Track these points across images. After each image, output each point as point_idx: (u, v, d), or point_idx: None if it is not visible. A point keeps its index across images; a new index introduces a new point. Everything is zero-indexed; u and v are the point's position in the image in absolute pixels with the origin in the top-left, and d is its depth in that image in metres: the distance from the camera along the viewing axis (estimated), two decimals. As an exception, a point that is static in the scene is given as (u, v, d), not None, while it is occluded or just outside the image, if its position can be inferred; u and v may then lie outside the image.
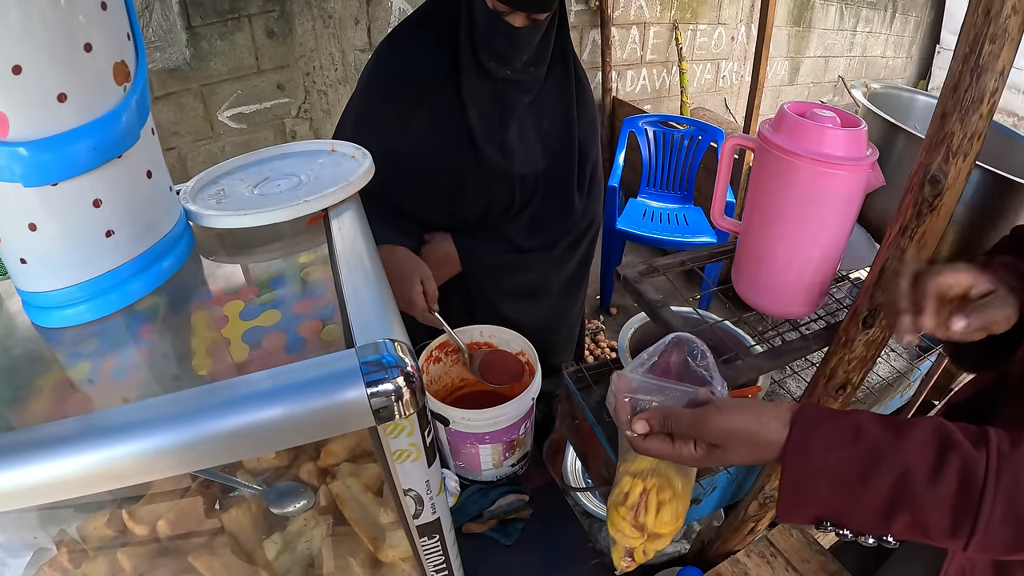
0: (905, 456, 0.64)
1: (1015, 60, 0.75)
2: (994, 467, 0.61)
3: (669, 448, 0.73)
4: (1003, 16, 0.69)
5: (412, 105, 1.43)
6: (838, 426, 0.67)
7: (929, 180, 0.79)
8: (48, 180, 0.52)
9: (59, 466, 0.39)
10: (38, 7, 0.49)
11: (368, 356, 0.42)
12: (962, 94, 0.74)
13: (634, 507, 0.86)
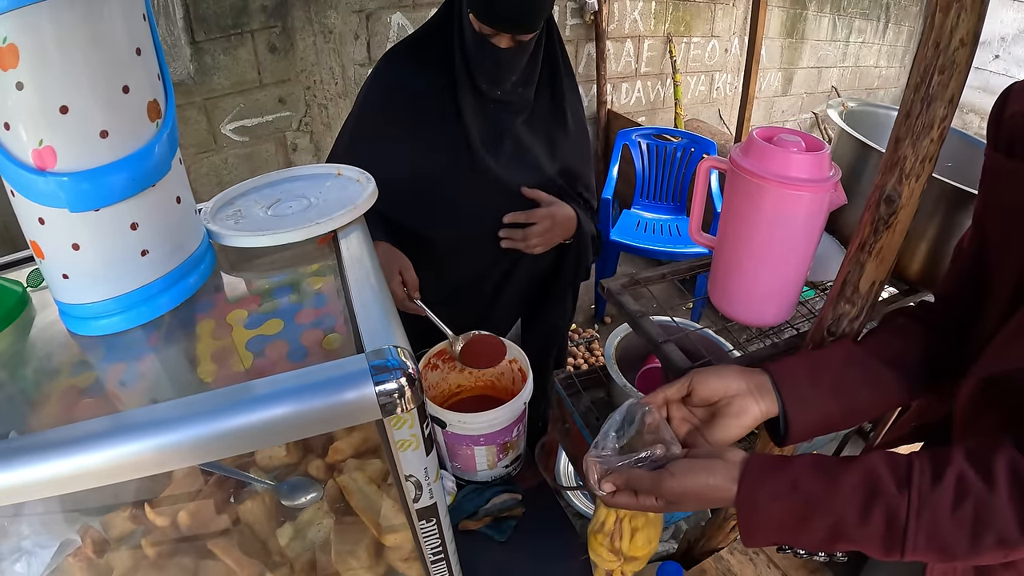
0: (836, 504, 0.72)
1: (989, 62, 0.82)
2: (915, 508, 0.70)
3: (634, 501, 0.81)
4: (951, 48, 0.75)
5: (411, 119, 1.48)
6: (779, 480, 0.75)
7: (885, 200, 0.85)
8: (91, 206, 0.59)
9: (116, 452, 0.46)
10: (83, 54, 0.56)
11: (376, 360, 0.49)
12: (914, 121, 0.80)
13: (610, 534, 0.95)
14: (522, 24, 1.33)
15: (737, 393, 0.87)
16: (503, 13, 1.31)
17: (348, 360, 0.49)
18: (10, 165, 0.57)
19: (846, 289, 0.93)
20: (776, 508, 0.75)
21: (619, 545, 0.96)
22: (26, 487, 0.48)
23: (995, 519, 0.68)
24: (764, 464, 0.78)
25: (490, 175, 1.51)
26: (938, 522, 0.69)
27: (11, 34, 0.52)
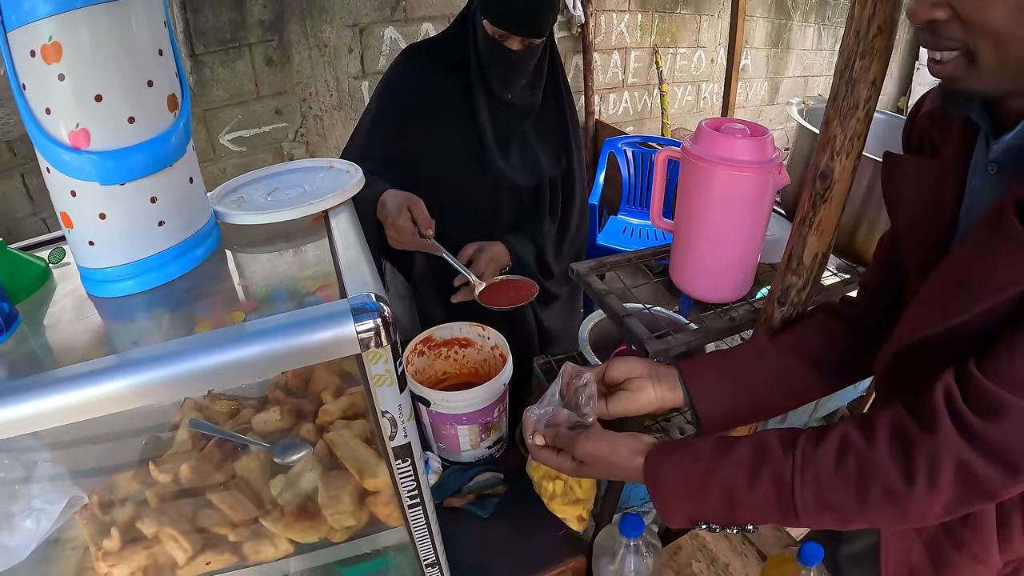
0: (728, 471, 0.79)
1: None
2: (799, 466, 0.75)
3: (554, 459, 0.92)
4: (871, 35, 0.83)
5: (426, 111, 1.59)
6: (681, 454, 0.84)
7: (819, 176, 0.94)
8: (117, 180, 0.70)
9: (143, 377, 0.56)
10: (115, 52, 0.67)
11: (356, 304, 0.60)
12: (840, 103, 0.89)
13: (565, 493, 1.10)
14: (531, 26, 1.45)
15: (639, 376, 0.99)
16: (515, 16, 1.43)
17: (333, 303, 0.60)
18: (49, 144, 0.67)
19: (792, 262, 1.01)
20: (677, 477, 0.83)
21: (576, 495, 1.10)
22: (55, 412, 0.57)
23: (878, 471, 0.72)
24: (670, 443, 0.87)
25: (499, 173, 1.62)
26: (822, 479, 0.74)
27: (55, 33, 0.63)
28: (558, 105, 1.71)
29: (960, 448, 0.68)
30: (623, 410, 0.99)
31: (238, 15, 2.86)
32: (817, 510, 0.75)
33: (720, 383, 0.99)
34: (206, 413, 1.02)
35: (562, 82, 1.70)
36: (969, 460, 0.68)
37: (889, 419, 0.75)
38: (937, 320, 0.75)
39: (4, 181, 2.40)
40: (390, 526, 0.92)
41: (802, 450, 0.76)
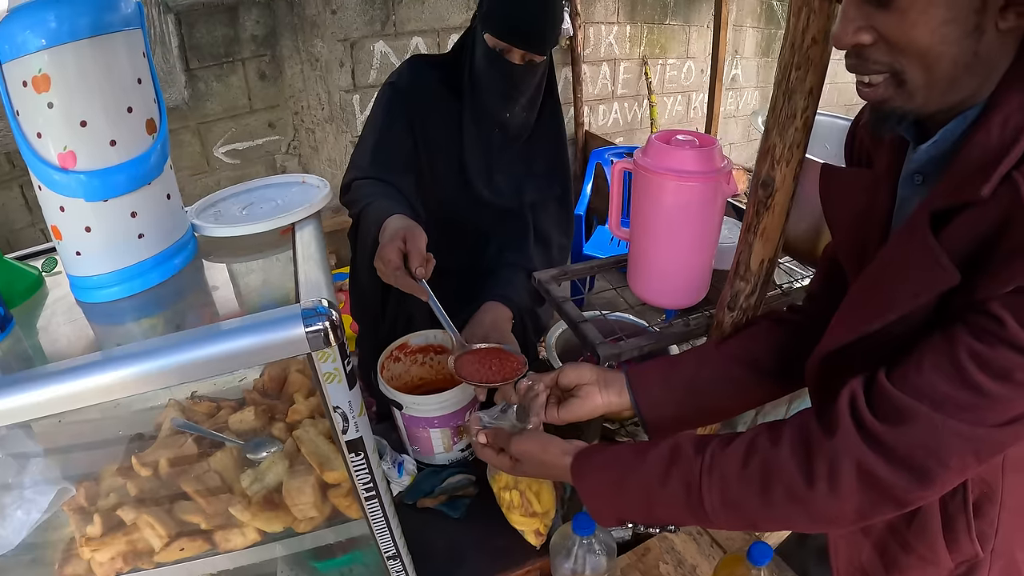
0: (643, 471, 0.83)
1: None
2: (706, 467, 0.78)
3: (495, 457, 0.98)
4: (805, 46, 0.86)
5: (425, 123, 1.58)
6: (604, 455, 0.88)
7: (761, 184, 0.97)
8: (101, 197, 0.78)
9: (121, 371, 0.64)
10: (98, 83, 0.75)
11: (306, 308, 0.67)
12: (779, 112, 0.91)
13: (521, 505, 1.16)
14: (535, 40, 1.43)
15: (587, 382, 1.04)
16: (519, 29, 1.42)
17: (286, 308, 0.68)
18: (40, 164, 0.76)
19: (740, 268, 1.05)
20: (600, 477, 0.87)
21: (534, 508, 1.16)
22: (45, 403, 0.65)
23: (779, 473, 0.74)
24: (598, 446, 0.92)
25: (480, 198, 1.64)
26: (727, 479, 0.77)
27: (45, 66, 0.72)
28: (555, 127, 1.71)
29: (860, 451, 0.70)
30: (573, 416, 1.05)
31: (231, 31, 2.93)
32: (724, 510, 0.78)
33: (665, 388, 1.02)
34: (188, 414, 1.10)
35: (558, 105, 1.71)
36: (870, 464, 0.69)
37: (795, 423, 0.77)
38: (856, 327, 0.77)
39: (3, 192, 2.47)
40: (351, 518, 0.99)
41: (711, 452, 0.79)
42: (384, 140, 1.58)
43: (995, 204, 0.64)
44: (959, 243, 0.67)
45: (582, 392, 1.04)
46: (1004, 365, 0.64)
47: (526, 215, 1.69)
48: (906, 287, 0.71)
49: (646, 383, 1.03)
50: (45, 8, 0.70)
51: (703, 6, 4.99)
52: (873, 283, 0.78)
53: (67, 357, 0.68)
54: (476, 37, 1.49)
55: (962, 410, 0.67)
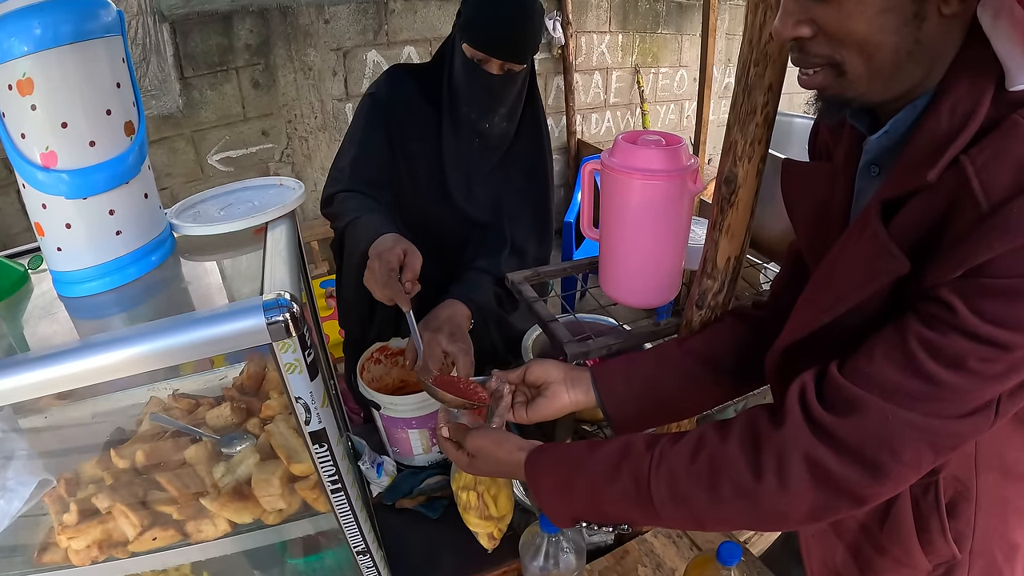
0: (591, 466, 0.82)
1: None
2: (655, 462, 0.77)
3: (453, 451, 0.98)
4: (763, 43, 0.86)
5: (404, 134, 1.58)
6: (555, 452, 0.88)
7: (724, 181, 0.97)
8: (81, 195, 0.82)
9: (88, 361, 0.68)
10: (79, 86, 0.79)
11: (268, 301, 0.71)
12: (739, 109, 0.92)
13: (478, 507, 1.15)
14: (513, 50, 1.43)
15: (555, 381, 1.03)
16: (496, 38, 1.42)
17: (248, 299, 0.72)
18: (24, 163, 0.80)
19: (707, 266, 1.06)
20: (550, 475, 0.86)
21: (490, 512, 1.16)
22: (26, 387, 0.69)
23: (727, 467, 0.73)
24: (551, 444, 0.92)
25: (459, 210, 1.64)
26: (676, 473, 0.76)
27: (29, 70, 0.76)
28: (536, 137, 1.68)
29: (809, 444, 0.69)
30: (540, 415, 1.04)
31: (226, 40, 2.99)
32: (673, 506, 0.76)
33: (627, 385, 1.02)
34: (168, 410, 1.13)
35: (541, 114, 1.68)
36: (820, 457, 0.68)
37: (744, 418, 0.76)
38: (810, 321, 0.77)
39: (1, 197, 2.50)
40: (319, 512, 1.02)
41: (660, 448, 0.79)
42: (364, 152, 1.58)
43: (943, 189, 0.64)
44: (909, 231, 0.67)
45: (549, 392, 1.04)
46: (956, 352, 0.63)
47: (504, 227, 1.67)
48: (857, 278, 0.70)
49: (610, 380, 1.02)
50: (30, 16, 0.74)
51: (695, 15, 5.03)
52: (827, 276, 0.78)
53: (46, 346, 0.72)
54: (455, 47, 1.49)
55: (914, 400, 0.66)
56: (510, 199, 1.67)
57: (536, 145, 1.68)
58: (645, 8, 4.73)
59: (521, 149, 1.66)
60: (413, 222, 1.60)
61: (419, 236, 1.48)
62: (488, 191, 1.65)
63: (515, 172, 1.67)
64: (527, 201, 1.70)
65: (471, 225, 1.66)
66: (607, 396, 1.02)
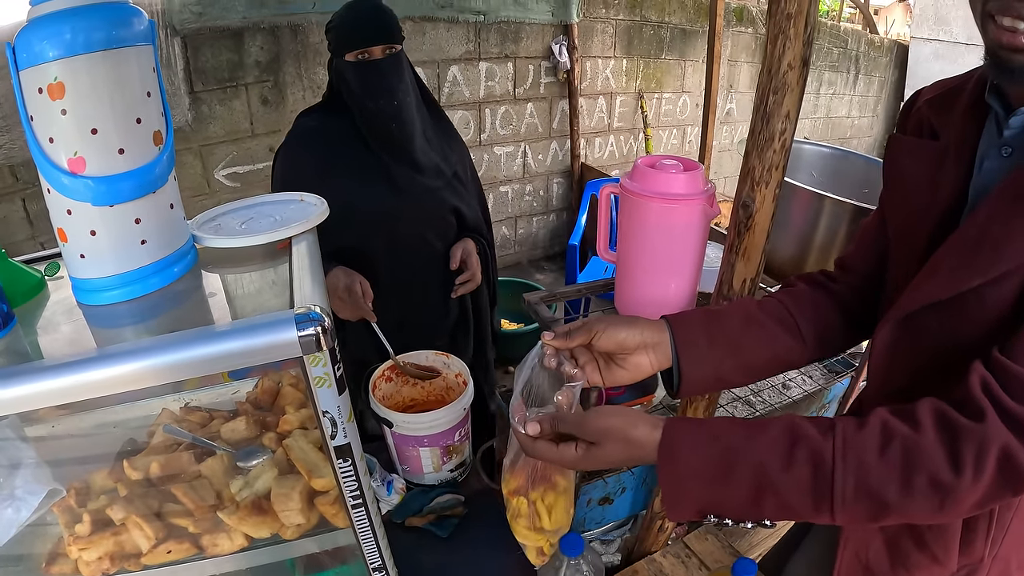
0: (758, 450, 0.74)
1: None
2: (840, 449, 0.71)
3: (553, 451, 0.83)
4: (782, 72, 0.89)
5: (331, 160, 1.75)
6: (701, 431, 0.78)
7: (742, 206, 0.99)
8: (108, 203, 0.81)
9: (111, 370, 0.66)
10: (110, 94, 0.79)
11: (300, 314, 0.70)
12: (757, 136, 0.94)
13: (528, 516, 1.06)
14: (385, 32, 1.66)
15: (633, 350, 0.94)
16: (368, 28, 1.65)
17: (280, 312, 0.71)
18: (51, 168, 0.79)
19: (723, 287, 1.07)
20: (697, 458, 0.76)
21: (540, 524, 1.06)
22: (42, 395, 0.68)
23: (925, 459, 0.69)
24: (685, 420, 0.81)
25: (412, 196, 1.80)
26: (865, 464, 0.70)
27: (60, 75, 0.75)
28: (433, 112, 1.90)
29: (1006, 437, 0.67)
30: (618, 383, 0.96)
31: (236, 56, 3.01)
32: (856, 497, 0.71)
33: (709, 345, 0.96)
34: (181, 422, 1.12)
35: (429, 93, 1.90)
36: (1014, 449, 0.67)
37: (930, 408, 0.72)
38: (952, 284, 0.76)
39: (6, 204, 2.51)
40: (338, 527, 1.01)
41: (842, 433, 0.73)
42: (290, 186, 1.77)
43: None
44: None
45: (629, 363, 0.95)
46: None
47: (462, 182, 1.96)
48: (1010, 246, 0.72)
49: (690, 339, 0.96)
50: (64, 20, 0.74)
51: (698, 41, 5.13)
52: (971, 244, 0.77)
53: (61, 352, 0.70)
54: (341, 74, 1.71)
55: None
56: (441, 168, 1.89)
57: (441, 121, 1.94)
58: (649, 34, 4.80)
59: (428, 127, 1.86)
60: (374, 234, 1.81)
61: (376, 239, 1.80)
62: (424, 170, 1.84)
63: (434, 145, 1.87)
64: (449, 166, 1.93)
65: (424, 208, 1.86)
66: (686, 354, 0.95)
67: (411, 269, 1.89)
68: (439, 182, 1.87)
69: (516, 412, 0.87)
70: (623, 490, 1.41)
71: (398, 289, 1.87)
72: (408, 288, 1.90)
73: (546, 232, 4.99)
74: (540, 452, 0.84)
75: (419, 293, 1.93)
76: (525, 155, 4.51)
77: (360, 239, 1.80)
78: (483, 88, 4.06)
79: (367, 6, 1.69)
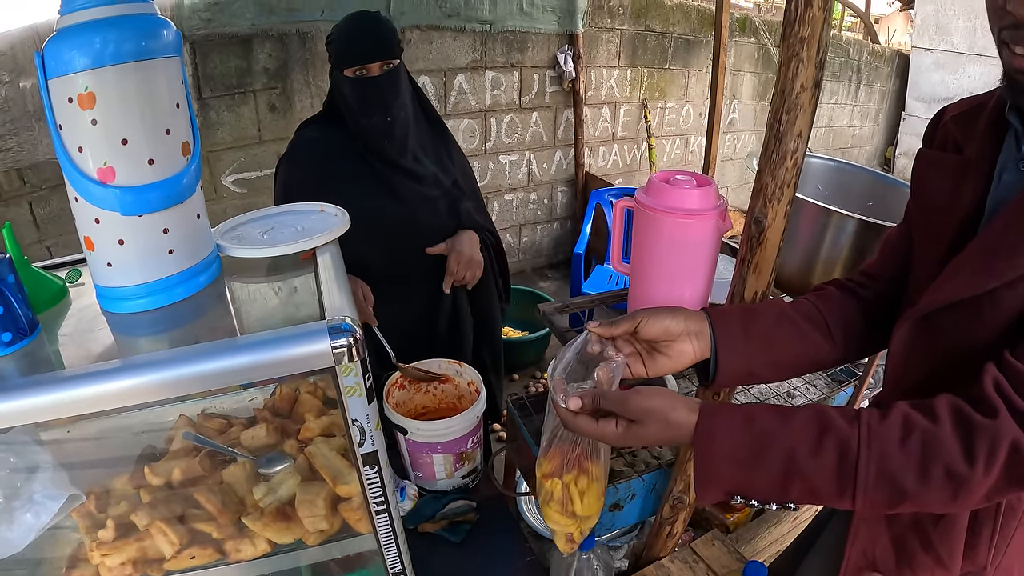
0: (789, 435, 0.77)
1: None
2: (864, 438, 0.75)
3: (594, 427, 0.86)
4: (795, 93, 0.92)
5: (330, 173, 1.77)
6: (736, 415, 0.81)
7: (754, 221, 1.01)
8: (136, 212, 0.82)
9: (144, 379, 0.67)
10: (140, 105, 0.80)
11: (332, 324, 0.71)
12: (770, 154, 0.97)
13: (560, 500, 1.05)
14: (383, 48, 1.67)
15: (677, 337, 0.97)
16: (366, 45, 1.66)
17: (313, 323, 0.72)
18: (80, 177, 0.80)
19: (734, 300, 1.09)
20: (732, 440, 0.80)
21: (572, 508, 1.05)
22: (71, 404, 0.68)
23: (941, 450, 0.73)
24: (720, 405, 0.86)
25: (411, 205, 1.82)
26: (887, 453, 0.74)
27: (91, 85, 0.76)
28: (432, 123, 1.92)
29: (1016, 433, 0.71)
30: (662, 372, 0.99)
31: (244, 62, 3.02)
32: (877, 485, 0.75)
33: (746, 337, 0.99)
34: (199, 429, 1.12)
35: (428, 103, 1.91)
36: (1022, 444, 0.70)
37: (947, 403, 0.76)
38: (972, 285, 0.80)
39: (13, 208, 2.51)
40: (360, 533, 1.01)
41: (867, 423, 0.76)
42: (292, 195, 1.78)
43: None
44: None
45: (673, 350, 0.97)
46: None
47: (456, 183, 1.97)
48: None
49: (728, 330, 0.99)
50: (95, 31, 0.75)
51: (701, 52, 5.14)
52: (989, 249, 0.81)
53: (87, 361, 0.71)
54: (339, 88, 1.74)
55: None
56: (439, 179, 1.91)
57: (439, 131, 1.96)
58: (653, 44, 4.81)
59: (429, 136, 1.91)
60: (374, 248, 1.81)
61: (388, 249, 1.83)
62: (420, 180, 1.86)
63: (430, 154, 1.90)
64: (451, 175, 1.96)
65: (419, 223, 1.87)
66: (724, 344, 0.98)
67: (410, 276, 1.90)
68: (437, 191, 1.89)
69: (558, 388, 0.89)
70: (633, 496, 1.42)
71: (397, 296, 1.88)
72: (407, 295, 1.91)
73: (550, 240, 4.99)
74: (582, 427, 0.86)
75: (418, 300, 1.94)
76: (530, 164, 4.52)
77: (359, 247, 1.75)
78: (489, 97, 4.07)
79: (366, 20, 1.71)
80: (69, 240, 2.65)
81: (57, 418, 0.68)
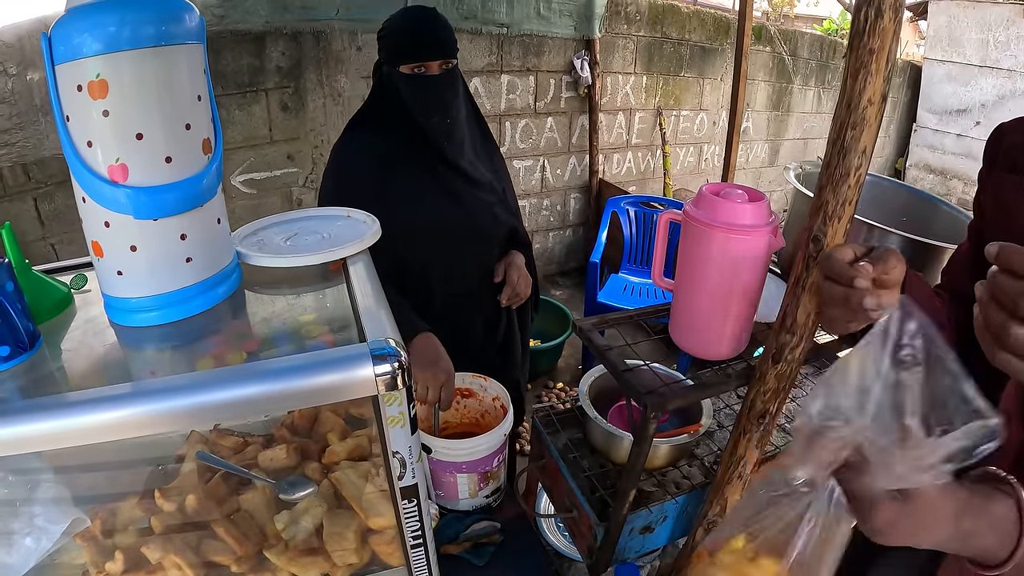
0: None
1: (970, 129, 0.95)
2: None
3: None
4: (861, 107, 0.87)
5: (383, 180, 1.65)
6: None
7: (812, 239, 0.96)
8: (151, 216, 0.73)
9: (167, 405, 0.58)
10: (157, 96, 0.71)
11: (375, 348, 0.62)
12: (833, 170, 0.91)
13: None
14: (442, 46, 1.58)
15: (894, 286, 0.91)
16: (425, 42, 1.57)
17: (353, 346, 0.63)
18: (88, 175, 0.71)
19: (787, 321, 1.02)
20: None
21: None
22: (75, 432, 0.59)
23: None
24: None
25: (470, 210, 1.72)
26: None
27: (103, 71, 0.67)
28: (481, 129, 1.83)
29: None
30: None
31: (257, 60, 2.96)
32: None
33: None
34: (212, 447, 1.04)
35: (477, 107, 1.82)
36: None
37: None
38: None
39: (17, 204, 2.45)
40: (391, 566, 0.93)
41: None
42: None
43: None
44: None
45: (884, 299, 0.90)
46: None
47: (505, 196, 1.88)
48: None
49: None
50: (108, 11, 0.67)
51: (716, 60, 5.11)
52: None
53: (96, 382, 0.62)
54: (393, 83, 1.61)
55: None
56: (493, 186, 1.82)
57: (487, 137, 1.87)
58: (670, 51, 4.77)
59: (478, 143, 1.81)
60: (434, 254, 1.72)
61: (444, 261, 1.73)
62: (476, 188, 1.77)
63: (483, 160, 1.81)
64: (502, 182, 1.88)
65: (476, 231, 1.78)
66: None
67: (466, 282, 1.81)
68: (493, 197, 1.81)
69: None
70: (664, 518, 1.35)
71: (452, 302, 1.79)
72: (461, 302, 1.81)
73: (562, 247, 4.92)
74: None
75: (472, 307, 1.84)
76: (544, 169, 4.45)
77: (418, 253, 1.70)
78: (504, 101, 4.01)
79: (426, 17, 1.60)
80: (75, 237, 2.58)
81: (59, 447, 0.59)
